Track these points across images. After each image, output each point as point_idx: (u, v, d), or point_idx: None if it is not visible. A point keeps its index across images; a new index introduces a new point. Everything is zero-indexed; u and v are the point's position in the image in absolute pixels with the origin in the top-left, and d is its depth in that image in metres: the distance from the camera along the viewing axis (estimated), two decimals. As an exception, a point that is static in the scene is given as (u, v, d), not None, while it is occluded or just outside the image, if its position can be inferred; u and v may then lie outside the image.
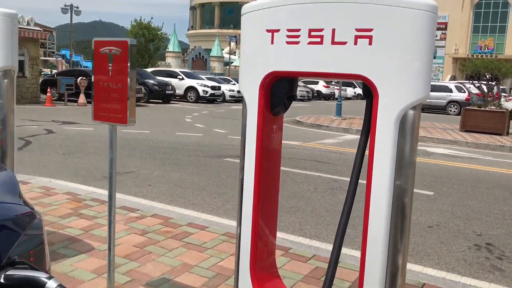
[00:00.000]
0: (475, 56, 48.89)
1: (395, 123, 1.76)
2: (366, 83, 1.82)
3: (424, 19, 1.73)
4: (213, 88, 24.60)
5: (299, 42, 1.90)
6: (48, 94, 18.05)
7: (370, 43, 1.77)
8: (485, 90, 15.32)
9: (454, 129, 15.22)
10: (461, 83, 27.65)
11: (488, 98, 14.99)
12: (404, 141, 1.79)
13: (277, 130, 2.17)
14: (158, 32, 40.13)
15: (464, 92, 24.73)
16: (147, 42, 39.22)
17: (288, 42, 1.93)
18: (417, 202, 5.98)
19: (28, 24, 18.52)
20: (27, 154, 7.99)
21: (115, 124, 2.68)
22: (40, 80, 21.01)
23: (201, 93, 24.23)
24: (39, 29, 18.79)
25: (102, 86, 2.66)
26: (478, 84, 15.88)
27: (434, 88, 26.38)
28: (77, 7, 35.15)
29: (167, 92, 22.55)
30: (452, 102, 25.35)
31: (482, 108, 14.67)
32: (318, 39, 1.86)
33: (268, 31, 1.98)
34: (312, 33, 1.87)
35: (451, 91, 25.67)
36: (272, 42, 1.97)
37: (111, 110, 2.65)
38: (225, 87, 26.23)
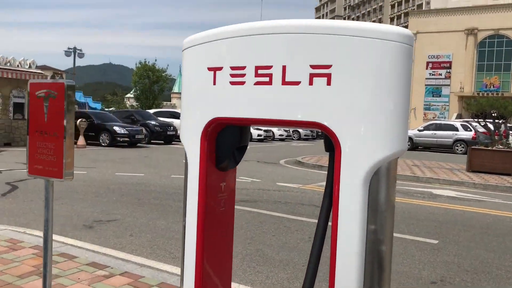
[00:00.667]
0: (480, 94, 48.69)
1: (363, 184, 1.36)
2: (325, 132, 1.44)
3: (398, 52, 1.36)
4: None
5: (245, 82, 1.54)
6: (46, 136, 17.88)
7: (328, 83, 1.40)
8: (492, 128, 14.90)
9: (460, 169, 14.72)
10: (467, 121, 27.29)
11: (495, 137, 14.55)
12: (378, 187, 1.39)
13: (226, 189, 1.77)
14: (163, 74, 40.44)
15: (470, 130, 24.33)
16: (151, 83, 39.48)
17: (232, 83, 1.57)
18: (420, 253, 5.48)
19: (30, 66, 18.57)
20: (9, 200, 7.61)
21: (50, 179, 2.29)
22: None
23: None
24: (40, 71, 18.83)
25: (38, 135, 2.30)
26: (484, 123, 15.48)
27: (440, 127, 26.06)
28: (81, 50, 35.53)
29: (168, 133, 22.38)
30: (458, 141, 24.92)
31: (489, 148, 14.21)
32: (267, 79, 1.49)
33: (210, 69, 1.62)
34: (259, 71, 1.50)
35: (457, 129, 25.30)
36: (214, 83, 1.61)
37: (46, 162, 2.27)
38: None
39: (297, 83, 1.44)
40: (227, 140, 1.68)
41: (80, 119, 18.93)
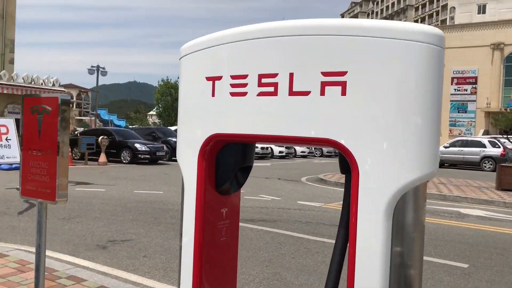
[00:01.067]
0: (508, 110, 47.49)
1: (384, 213, 1.12)
2: (340, 151, 1.21)
3: (426, 55, 1.14)
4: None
5: (247, 93, 1.33)
6: (68, 153, 18.01)
7: (343, 93, 1.18)
8: (522, 145, 14.34)
9: (489, 187, 14.16)
10: (495, 137, 26.53)
11: (526, 154, 14.00)
12: (405, 210, 1.16)
13: (228, 215, 1.55)
14: (185, 91, 40.74)
15: (499, 147, 23.61)
16: (173, 101, 39.75)
17: (233, 94, 1.36)
18: (449, 278, 5.13)
19: (53, 84, 18.83)
20: (25, 219, 7.53)
21: (44, 202, 2.11)
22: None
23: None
24: (62, 89, 19.07)
25: (31, 154, 2.13)
26: (514, 139, 14.93)
27: (467, 144, 25.39)
28: (104, 68, 36.11)
29: (189, 150, 22.37)
30: (486, 157, 24.20)
31: (519, 165, 13.66)
32: (271, 89, 1.28)
33: (208, 79, 1.42)
34: (263, 80, 1.30)
35: (484, 146, 24.60)
36: (213, 94, 1.41)
37: (39, 183, 2.10)
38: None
39: (307, 93, 1.23)
40: (228, 160, 1.47)
41: (101, 137, 19.04)
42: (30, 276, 4.33)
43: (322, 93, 1.21)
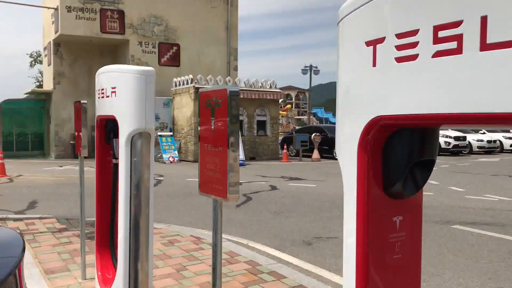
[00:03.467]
0: None
1: None
2: None
3: None
4: (456, 138, 22.11)
5: (417, 55, 0.94)
6: (284, 150, 18.96)
7: None
8: None
9: None
10: None
11: None
12: None
13: (404, 226, 1.16)
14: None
15: None
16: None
17: (399, 59, 0.99)
18: None
19: (270, 87, 20.09)
20: (241, 212, 8.05)
21: (218, 199, 2.03)
22: (281, 138, 22.41)
23: (443, 145, 21.98)
24: (278, 90, 20.18)
25: (206, 150, 2.08)
26: None
27: None
28: (316, 67, 37.26)
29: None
30: None
31: None
32: (453, 44, 0.87)
33: (368, 44, 1.07)
34: (441, 34, 0.89)
35: None
36: (374, 63, 1.05)
37: (213, 180, 2.02)
38: (472, 137, 23.32)
39: (509, 44, 0.78)
40: (399, 152, 1.09)
41: (314, 134, 19.54)
42: (236, 268, 4.51)
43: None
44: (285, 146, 19.36)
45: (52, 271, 4.39)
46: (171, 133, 19.25)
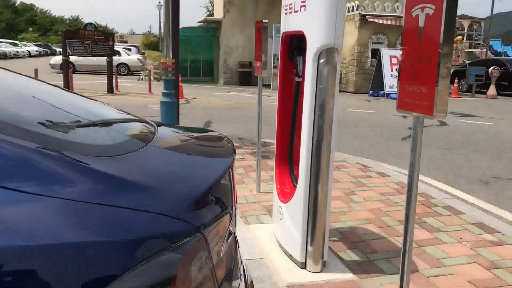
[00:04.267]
0: None
1: None
2: None
3: None
4: None
5: None
6: (454, 85, 17.39)
7: None
8: None
9: None
10: None
11: None
12: None
13: None
14: None
15: None
16: None
17: None
18: None
19: (394, 11, 18.27)
20: (407, 144, 7.71)
21: (420, 115, 1.89)
22: (452, 71, 20.56)
23: None
24: (399, 14, 18.15)
25: (409, 62, 1.92)
26: None
27: None
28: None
29: None
30: None
31: None
32: None
33: None
34: None
35: None
36: None
37: (416, 95, 1.88)
38: None
39: None
40: None
41: (492, 67, 17.48)
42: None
43: None
44: (455, 80, 17.71)
45: (230, 183, 4.75)
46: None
